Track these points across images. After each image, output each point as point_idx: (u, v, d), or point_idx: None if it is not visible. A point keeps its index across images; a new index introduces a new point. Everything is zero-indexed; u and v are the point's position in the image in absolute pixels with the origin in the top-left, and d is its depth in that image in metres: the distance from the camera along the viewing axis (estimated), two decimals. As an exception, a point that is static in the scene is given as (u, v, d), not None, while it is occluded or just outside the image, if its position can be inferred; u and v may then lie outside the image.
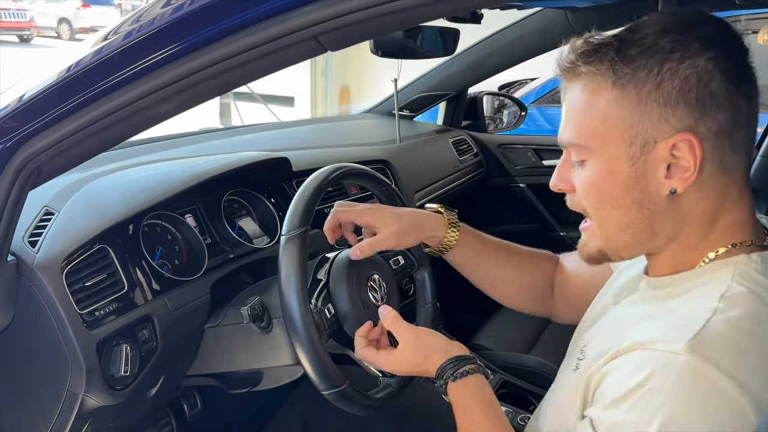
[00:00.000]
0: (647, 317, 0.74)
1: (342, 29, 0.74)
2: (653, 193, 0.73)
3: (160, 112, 0.85)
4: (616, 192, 0.74)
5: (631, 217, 0.75)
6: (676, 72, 0.69)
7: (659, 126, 0.70)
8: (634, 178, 0.73)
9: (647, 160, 0.72)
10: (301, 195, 1.06)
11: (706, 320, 0.67)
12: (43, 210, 1.08)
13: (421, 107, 2.37)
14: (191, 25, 0.76)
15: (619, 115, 0.72)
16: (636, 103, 0.71)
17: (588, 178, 0.77)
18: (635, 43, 0.70)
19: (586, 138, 0.75)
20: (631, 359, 0.68)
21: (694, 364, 0.64)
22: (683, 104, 0.69)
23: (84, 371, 0.97)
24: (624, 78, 0.70)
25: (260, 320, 1.09)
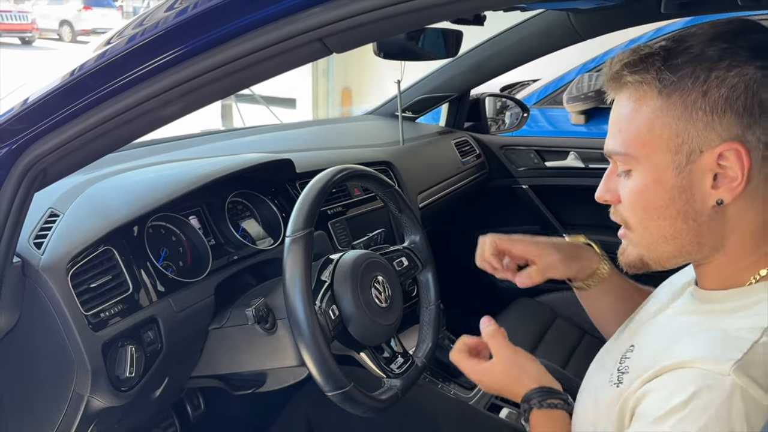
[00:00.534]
0: (695, 333, 0.73)
1: (347, 31, 0.74)
2: (699, 203, 0.72)
3: (164, 115, 0.85)
4: (662, 202, 0.74)
5: (676, 227, 0.74)
6: (723, 80, 0.68)
7: (705, 135, 0.70)
8: (680, 187, 0.72)
9: (693, 169, 0.71)
10: (306, 197, 1.07)
11: (753, 341, 0.66)
12: (48, 212, 1.08)
13: (424, 109, 2.37)
14: (196, 28, 0.76)
15: (665, 124, 0.71)
16: (682, 112, 0.70)
17: (634, 188, 0.76)
18: (682, 53, 0.70)
19: (632, 147, 0.74)
20: (677, 377, 0.67)
21: (742, 384, 0.64)
22: (730, 113, 0.68)
23: (89, 372, 0.97)
24: (670, 86, 0.70)
25: (265, 321, 1.09)
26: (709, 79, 0.68)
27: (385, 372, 1.11)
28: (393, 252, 1.27)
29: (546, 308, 2.05)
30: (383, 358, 1.14)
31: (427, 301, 1.29)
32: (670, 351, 0.71)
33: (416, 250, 1.31)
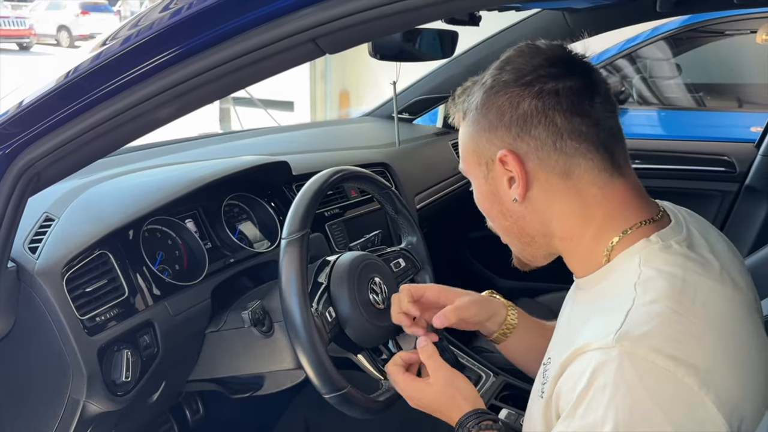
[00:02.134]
0: (581, 323, 0.77)
1: (340, 32, 0.74)
2: (507, 202, 0.83)
3: (159, 117, 0.84)
4: (485, 205, 0.87)
5: (504, 224, 0.87)
6: (494, 102, 0.80)
7: (489, 147, 0.82)
8: (490, 192, 0.85)
9: (494, 176, 0.83)
10: (301, 199, 1.06)
11: (627, 310, 0.70)
12: (43, 216, 1.08)
13: (421, 110, 2.37)
14: (189, 30, 0.76)
15: (468, 143, 0.85)
16: (473, 131, 0.83)
17: (474, 195, 0.89)
18: (477, 83, 0.84)
19: (462, 163, 0.89)
20: (575, 368, 0.71)
21: (628, 350, 0.67)
22: (501, 127, 0.80)
23: (85, 377, 0.97)
24: (469, 112, 0.84)
25: (261, 324, 1.09)
26: (487, 102, 0.81)
27: (382, 374, 1.10)
28: (390, 253, 1.27)
29: (545, 309, 2.04)
30: (381, 360, 1.13)
31: (425, 303, 1.29)
32: (569, 347, 0.74)
33: (413, 252, 1.30)
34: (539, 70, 0.79)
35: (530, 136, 0.79)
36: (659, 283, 0.72)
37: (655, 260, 0.75)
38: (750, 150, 2.21)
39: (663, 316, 0.69)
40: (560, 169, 0.79)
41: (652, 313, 0.69)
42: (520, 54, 0.82)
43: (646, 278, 0.73)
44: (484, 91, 0.82)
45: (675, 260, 0.76)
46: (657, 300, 0.71)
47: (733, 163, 2.21)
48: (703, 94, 4.17)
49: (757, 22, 3.72)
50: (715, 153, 2.25)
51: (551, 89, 0.78)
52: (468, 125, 0.85)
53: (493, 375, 1.70)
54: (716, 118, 3.93)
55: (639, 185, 0.83)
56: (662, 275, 0.73)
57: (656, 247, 0.77)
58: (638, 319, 0.69)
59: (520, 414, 1.55)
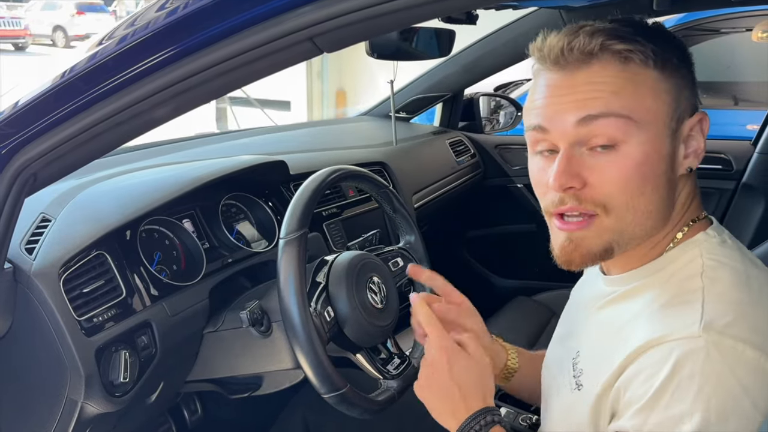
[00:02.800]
0: (637, 316, 0.74)
1: (337, 30, 0.74)
2: (677, 171, 0.75)
3: (155, 117, 0.84)
4: (659, 171, 0.72)
5: (660, 197, 0.73)
6: (682, 59, 0.75)
7: (686, 104, 0.75)
8: (670, 155, 0.73)
9: (677, 137, 0.74)
10: (299, 198, 1.06)
11: (702, 300, 0.68)
12: (40, 217, 1.07)
13: (418, 109, 2.37)
14: (186, 29, 0.76)
15: (666, 90, 0.72)
16: (674, 82, 0.73)
17: (630, 160, 0.71)
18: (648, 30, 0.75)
19: (637, 111, 0.71)
20: (651, 358, 0.68)
21: (716, 340, 0.65)
22: (692, 86, 0.75)
23: (83, 378, 0.97)
24: (660, 57, 0.72)
25: (260, 324, 1.09)
26: (687, 57, 0.76)
27: (381, 373, 1.10)
28: (388, 252, 1.27)
29: (543, 307, 2.04)
30: (379, 360, 1.13)
31: (423, 302, 1.28)
32: (627, 340, 0.71)
33: (411, 251, 1.30)
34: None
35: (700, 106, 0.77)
36: (725, 275, 0.71)
37: (716, 253, 0.74)
38: (747, 148, 2.21)
39: (739, 307, 0.68)
40: None
41: (728, 304, 0.68)
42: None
43: (712, 269, 0.72)
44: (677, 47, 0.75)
45: (733, 254, 0.75)
46: (726, 291, 0.70)
47: (729, 161, 2.21)
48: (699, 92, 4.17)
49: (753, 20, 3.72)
50: (711, 151, 2.25)
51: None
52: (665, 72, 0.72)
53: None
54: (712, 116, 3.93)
55: None
56: (726, 268, 0.72)
57: (715, 241, 0.76)
58: (718, 309, 0.68)
59: (520, 412, 1.55)
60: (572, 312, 0.96)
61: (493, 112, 2.58)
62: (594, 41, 0.71)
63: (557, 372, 0.90)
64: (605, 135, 0.71)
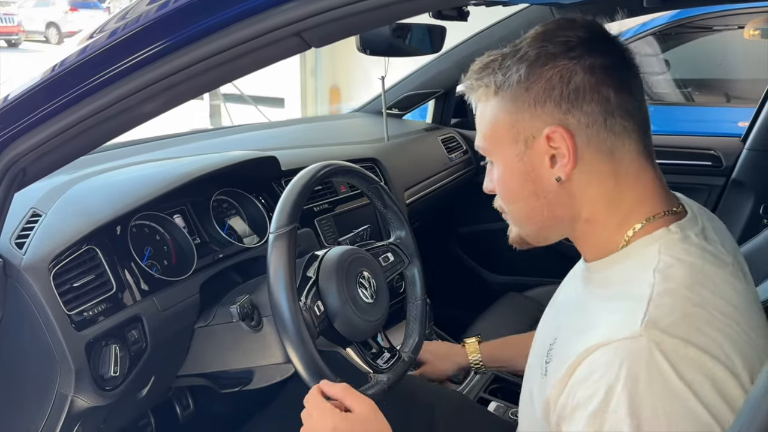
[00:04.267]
0: (595, 311, 0.77)
1: (325, 25, 0.74)
2: (545, 182, 0.80)
3: (145, 112, 0.84)
4: (515, 186, 0.83)
5: (531, 206, 0.83)
6: (540, 75, 0.77)
7: (532, 123, 0.78)
8: (525, 171, 0.81)
9: (532, 154, 0.79)
10: (289, 193, 1.07)
11: (648, 297, 0.70)
12: (31, 211, 1.07)
13: (410, 105, 2.38)
14: (175, 24, 0.76)
15: (502, 119, 0.81)
16: (512, 106, 0.79)
17: (496, 176, 0.85)
18: (511, 56, 0.80)
19: (485, 141, 0.84)
20: (597, 361, 0.69)
21: (657, 340, 0.66)
22: (549, 101, 0.77)
23: (73, 372, 0.97)
24: (502, 86, 0.80)
25: (250, 319, 1.09)
26: (529, 75, 0.77)
27: (371, 367, 1.11)
28: (379, 248, 1.27)
29: (534, 303, 2.05)
30: (370, 354, 1.14)
31: (414, 297, 1.29)
32: (582, 337, 0.73)
33: (402, 246, 1.31)
34: (588, 44, 0.76)
35: (581, 112, 0.76)
36: (679, 272, 0.72)
37: (675, 249, 0.75)
38: (736, 144, 2.22)
39: (685, 306, 0.70)
40: (606, 148, 0.77)
41: (674, 302, 0.69)
42: (560, 27, 0.79)
43: (666, 266, 0.73)
44: (528, 63, 0.77)
45: (693, 251, 0.75)
46: (677, 289, 0.71)
47: (719, 157, 2.22)
48: (691, 90, 4.19)
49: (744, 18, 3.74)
50: (701, 147, 2.26)
51: (602, 64, 0.75)
52: (503, 100, 0.80)
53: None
54: (704, 113, 3.96)
55: (662, 176, 0.83)
56: (682, 264, 0.73)
57: (676, 237, 0.77)
58: (662, 307, 0.69)
59: (510, 407, 1.56)
60: (551, 312, 0.99)
61: (485, 108, 2.58)
62: (467, 78, 0.85)
63: (535, 358, 0.92)
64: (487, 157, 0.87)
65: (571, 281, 0.94)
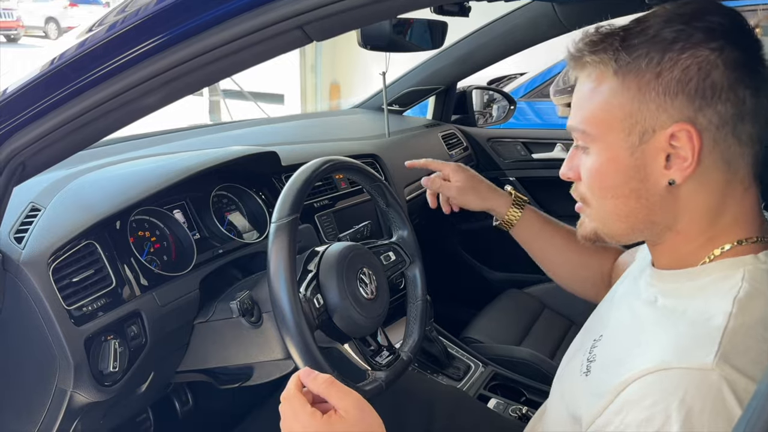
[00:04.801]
0: (657, 326, 0.72)
1: (327, 19, 0.73)
2: (652, 183, 0.73)
3: (146, 105, 0.84)
4: (616, 181, 0.75)
5: (630, 206, 0.75)
6: (676, 62, 0.68)
7: (658, 115, 0.70)
8: (634, 167, 0.73)
9: (646, 149, 0.72)
10: (292, 185, 1.06)
11: (723, 328, 0.65)
12: (30, 206, 1.07)
13: (411, 102, 2.37)
14: (175, 17, 0.75)
15: (620, 104, 0.72)
16: (636, 93, 0.71)
17: (591, 166, 0.77)
18: (639, 34, 0.71)
19: (589, 125, 0.76)
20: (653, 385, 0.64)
21: (730, 377, 0.62)
22: (682, 94, 0.68)
23: (72, 367, 0.96)
24: (625, 67, 0.71)
25: (250, 314, 1.08)
26: (663, 60, 0.69)
27: (370, 364, 1.10)
28: (380, 246, 1.27)
29: (534, 299, 2.05)
30: (369, 351, 1.13)
31: (414, 297, 1.29)
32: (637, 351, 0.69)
33: (404, 245, 1.30)
34: (731, 35, 0.68)
35: (714, 112, 0.68)
36: (759, 305, 0.67)
37: (759, 280, 0.69)
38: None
39: (760, 345, 0.64)
40: (727, 157, 0.70)
41: (749, 340, 0.64)
42: (701, 9, 0.70)
43: (746, 295, 0.67)
44: (663, 46, 0.68)
45: None
46: (753, 325, 0.65)
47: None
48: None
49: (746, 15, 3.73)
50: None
51: (743, 60, 0.68)
52: (625, 83, 0.71)
53: (482, 365, 1.71)
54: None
55: (760, 197, 0.76)
56: (763, 297, 0.68)
57: (764, 267, 0.71)
58: (736, 343, 0.64)
59: (509, 404, 1.56)
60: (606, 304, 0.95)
61: (486, 105, 2.58)
62: (578, 50, 0.75)
63: (573, 355, 0.89)
64: (580, 141, 0.79)
65: (634, 278, 0.88)
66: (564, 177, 0.84)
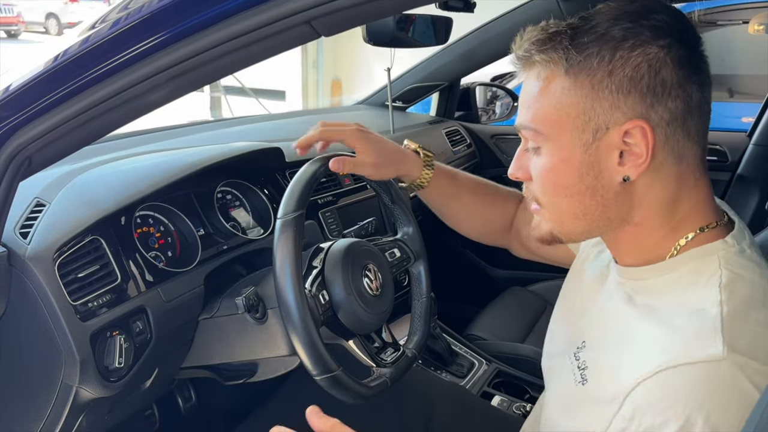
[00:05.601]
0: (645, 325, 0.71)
1: (335, 14, 0.73)
2: (606, 180, 0.73)
3: (151, 101, 0.83)
4: (571, 180, 0.74)
5: (584, 203, 0.75)
6: (627, 60, 0.69)
7: (611, 113, 0.71)
8: (588, 165, 0.73)
9: (600, 146, 0.72)
10: (298, 180, 1.06)
11: (720, 315, 0.65)
12: (35, 201, 1.07)
13: (414, 98, 2.37)
14: (182, 12, 0.75)
15: (572, 103, 0.72)
16: (589, 91, 0.71)
17: (543, 165, 0.77)
18: (588, 31, 0.71)
19: (541, 124, 0.75)
20: (665, 385, 0.63)
21: (741, 363, 0.62)
22: (635, 92, 0.69)
23: (78, 363, 0.96)
24: (577, 66, 0.71)
25: (255, 311, 1.08)
26: (614, 58, 0.69)
27: (375, 361, 1.10)
28: (385, 243, 1.26)
29: (537, 297, 2.05)
30: (373, 348, 1.13)
31: (419, 294, 1.28)
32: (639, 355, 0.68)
33: (409, 242, 1.30)
34: (677, 33, 0.70)
35: (665, 108, 0.69)
36: (744, 290, 0.68)
37: (734, 264, 0.70)
38: (742, 139, 2.22)
39: (756, 328, 0.65)
40: (679, 151, 0.71)
41: (745, 324, 0.65)
42: (646, 8, 0.71)
43: (729, 281, 0.68)
44: (614, 43, 0.69)
45: (751, 266, 0.71)
46: (745, 309, 0.66)
47: (725, 152, 2.22)
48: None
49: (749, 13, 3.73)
50: (707, 142, 2.26)
51: (689, 57, 0.69)
52: (576, 82, 0.71)
53: (486, 362, 1.71)
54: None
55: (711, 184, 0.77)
56: (745, 282, 0.69)
57: (733, 250, 0.72)
58: (736, 329, 0.64)
59: (513, 401, 1.56)
60: (574, 289, 0.95)
61: (489, 102, 2.58)
62: (526, 50, 0.75)
63: (559, 352, 0.89)
64: (531, 141, 0.78)
65: (596, 279, 0.88)
66: (513, 177, 0.83)
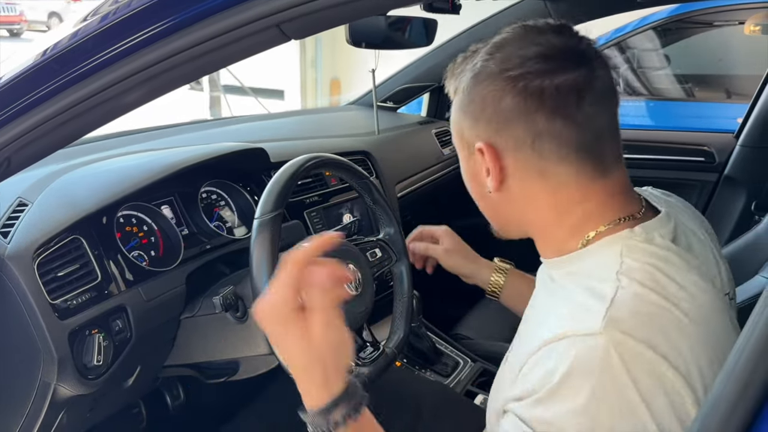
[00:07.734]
0: (554, 304, 0.77)
1: (304, 17, 0.74)
2: (486, 188, 0.83)
3: (129, 101, 0.84)
4: (468, 184, 0.89)
5: (483, 205, 0.89)
6: (478, 92, 0.79)
7: (471, 134, 0.82)
8: (472, 173, 0.86)
9: (475, 160, 0.83)
10: (276, 181, 1.07)
11: (611, 297, 0.69)
12: (17, 201, 1.08)
13: (405, 99, 2.37)
14: (155, 14, 0.76)
15: (456, 121, 0.85)
16: (460, 115, 0.83)
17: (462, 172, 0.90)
18: (469, 59, 0.82)
19: (453, 138, 0.88)
20: (553, 351, 0.69)
21: (617, 339, 0.66)
22: (482, 119, 0.79)
23: (56, 361, 0.97)
24: (457, 94, 0.83)
25: (234, 309, 1.09)
26: (472, 90, 0.80)
27: (353, 360, 1.11)
28: (367, 243, 1.27)
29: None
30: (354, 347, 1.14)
31: (401, 293, 1.29)
32: (540, 328, 0.73)
33: (390, 242, 1.30)
34: (527, 65, 0.75)
35: (509, 134, 0.77)
36: (642, 275, 0.72)
37: (638, 252, 0.74)
38: (729, 140, 2.22)
39: (650, 308, 0.69)
40: (536, 170, 0.78)
41: (636, 305, 0.69)
42: (514, 39, 0.78)
43: (629, 269, 0.72)
44: (472, 75, 0.79)
45: (658, 253, 0.75)
46: (641, 291, 0.70)
47: (712, 153, 2.22)
48: (691, 85, 4.18)
49: (745, 13, 3.73)
50: (694, 143, 2.26)
51: (536, 87, 0.74)
52: (456, 106, 0.84)
53: (471, 361, 1.71)
54: (704, 109, 3.95)
55: (625, 182, 0.82)
56: (645, 267, 0.73)
57: (639, 238, 0.76)
58: (624, 309, 0.68)
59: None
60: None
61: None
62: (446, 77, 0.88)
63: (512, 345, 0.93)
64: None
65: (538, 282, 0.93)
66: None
